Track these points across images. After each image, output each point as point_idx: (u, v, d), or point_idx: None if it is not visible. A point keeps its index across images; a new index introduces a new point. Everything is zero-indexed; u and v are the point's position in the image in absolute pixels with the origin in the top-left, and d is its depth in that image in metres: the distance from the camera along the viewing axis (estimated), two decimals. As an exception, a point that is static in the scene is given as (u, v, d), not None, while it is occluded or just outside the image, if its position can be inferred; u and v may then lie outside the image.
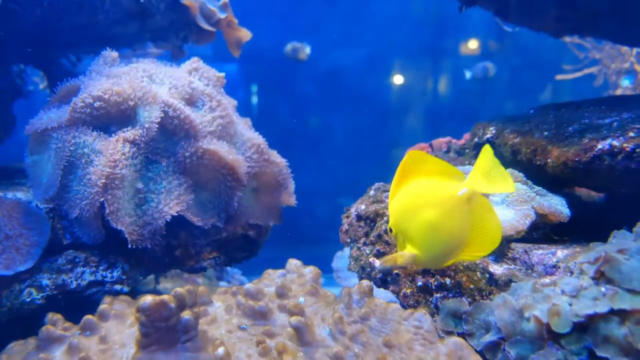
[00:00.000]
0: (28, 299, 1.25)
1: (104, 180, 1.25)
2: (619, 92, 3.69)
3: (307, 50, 3.66)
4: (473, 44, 4.54)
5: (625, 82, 3.67)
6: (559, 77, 3.88)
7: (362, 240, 1.45)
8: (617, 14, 1.70)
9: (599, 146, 1.12)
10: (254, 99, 4.59)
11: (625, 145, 1.08)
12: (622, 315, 0.87)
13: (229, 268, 2.88)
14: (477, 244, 0.92)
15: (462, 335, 1.05)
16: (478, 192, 0.90)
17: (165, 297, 0.91)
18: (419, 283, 1.19)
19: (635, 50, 3.60)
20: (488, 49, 4.53)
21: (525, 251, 1.14)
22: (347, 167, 4.43)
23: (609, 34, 2.11)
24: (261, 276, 1.28)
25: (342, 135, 4.56)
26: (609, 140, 1.11)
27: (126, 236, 1.28)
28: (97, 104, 1.34)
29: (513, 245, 1.17)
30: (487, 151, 0.90)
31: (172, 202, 1.37)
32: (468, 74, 3.86)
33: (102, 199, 1.25)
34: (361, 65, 4.54)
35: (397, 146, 4.24)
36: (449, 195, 0.90)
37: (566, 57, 3.91)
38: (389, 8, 4.60)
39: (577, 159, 1.14)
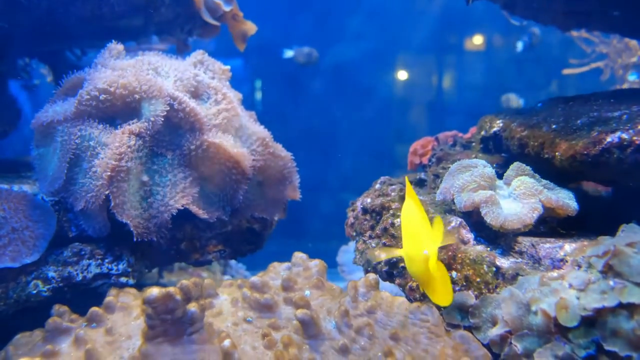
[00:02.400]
0: (34, 291, 1.25)
1: (109, 173, 1.25)
2: (625, 86, 3.66)
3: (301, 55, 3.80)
4: (478, 39, 4.51)
5: (632, 77, 3.64)
6: (565, 71, 3.85)
7: (367, 234, 1.45)
8: (626, 6, 1.68)
9: (608, 139, 1.10)
10: (258, 94, 4.58)
11: (635, 138, 1.07)
12: (630, 309, 0.86)
13: (233, 262, 2.88)
14: (436, 292, 1.02)
15: (468, 328, 1.05)
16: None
17: (171, 289, 0.90)
18: (425, 276, 1.18)
19: (644, 44, 3.57)
20: (493, 44, 4.50)
21: (533, 245, 1.13)
22: (352, 162, 4.42)
23: (617, 27, 2.09)
24: (267, 269, 1.28)
25: (347, 129, 4.54)
26: (618, 134, 1.10)
27: (131, 229, 1.28)
28: (102, 97, 1.34)
29: (520, 238, 1.16)
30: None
31: (177, 195, 1.36)
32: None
33: (107, 192, 1.25)
34: (366, 60, 4.52)
35: (402, 141, 4.22)
36: (418, 248, 1.02)
37: (572, 52, 3.88)
38: (395, 2, 4.57)
39: (585, 152, 1.13)
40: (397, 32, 4.56)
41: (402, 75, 4.62)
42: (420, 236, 1.05)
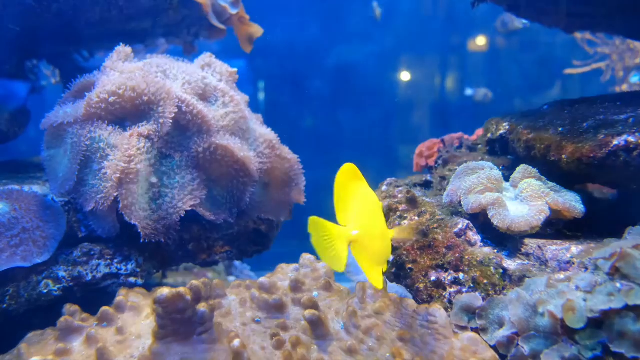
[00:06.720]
0: (45, 291, 1.26)
1: (118, 175, 1.26)
2: (624, 88, 3.65)
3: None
4: (482, 41, 4.51)
5: (635, 79, 3.63)
6: (567, 71, 3.85)
7: (374, 236, 1.45)
8: (631, 8, 1.68)
9: (615, 142, 1.11)
10: (262, 95, 4.59)
11: (641, 141, 1.07)
12: (637, 311, 0.87)
13: (238, 263, 2.89)
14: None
15: (475, 330, 1.06)
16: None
17: (181, 289, 0.92)
18: (433, 278, 1.19)
19: (646, 46, 3.56)
20: (496, 46, 4.50)
21: (539, 247, 1.14)
22: (357, 163, 4.42)
23: (621, 29, 2.09)
24: (275, 270, 1.29)
25: (352, 131, 4.55)
26: (624, 136, 1.10)
27: (139, 230, 1.29)
28: (112, 99, 1.35)
29: (527, 240, 1.17)
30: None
31: (186, 197, 1.38)
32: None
33: (116, 193, 1.27)
34: (371, 61, 4.52)
35: (407, 142, 4.23)
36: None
37: (576, 54, 3.88)
38: (400, 4, 4.58)
39: (592, 155, 1.14)
40: (402, 34, 4.57)
41: (407, 76, 4.62)
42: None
